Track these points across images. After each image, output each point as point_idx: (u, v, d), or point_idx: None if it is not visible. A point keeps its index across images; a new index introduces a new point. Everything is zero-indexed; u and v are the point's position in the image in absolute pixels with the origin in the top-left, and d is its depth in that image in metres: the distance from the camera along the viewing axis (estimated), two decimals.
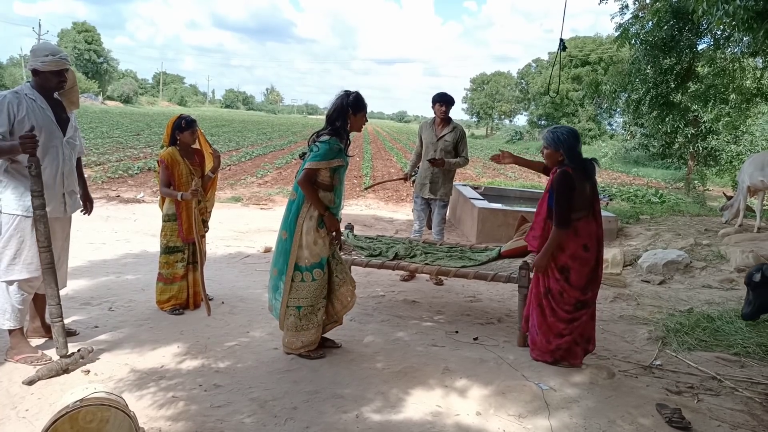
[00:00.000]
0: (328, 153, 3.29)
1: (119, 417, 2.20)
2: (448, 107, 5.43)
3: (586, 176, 3.37)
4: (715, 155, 14.76)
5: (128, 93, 76.32)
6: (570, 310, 3.40)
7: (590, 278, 3.41)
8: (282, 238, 3.43)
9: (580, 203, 3.35)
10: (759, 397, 3.18)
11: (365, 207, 10.48)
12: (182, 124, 4.12)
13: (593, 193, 3.42)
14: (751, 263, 5.71)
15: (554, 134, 3.40)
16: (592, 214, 3.40)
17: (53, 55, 3.12)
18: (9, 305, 3.16)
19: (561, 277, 3.39)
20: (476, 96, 69.77)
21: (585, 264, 3.37)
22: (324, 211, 3.35)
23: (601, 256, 3.48)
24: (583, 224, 3.36)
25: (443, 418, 2.83)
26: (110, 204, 9.00)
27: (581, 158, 3.40)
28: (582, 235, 3.36)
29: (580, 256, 3.36)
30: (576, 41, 42.17)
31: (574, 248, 3.36)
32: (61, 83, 3.21)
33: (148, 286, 4.56)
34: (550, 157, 3.44)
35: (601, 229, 3.45)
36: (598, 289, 3.49)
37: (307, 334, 3.43)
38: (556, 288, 3.41)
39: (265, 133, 35.03)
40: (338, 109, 3.36)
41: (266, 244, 6.61)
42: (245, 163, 17.21)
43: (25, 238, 3.13)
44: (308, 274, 3.37)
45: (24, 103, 3.06)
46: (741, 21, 6.00)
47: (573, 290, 3.38)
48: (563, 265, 3.38)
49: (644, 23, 10.36)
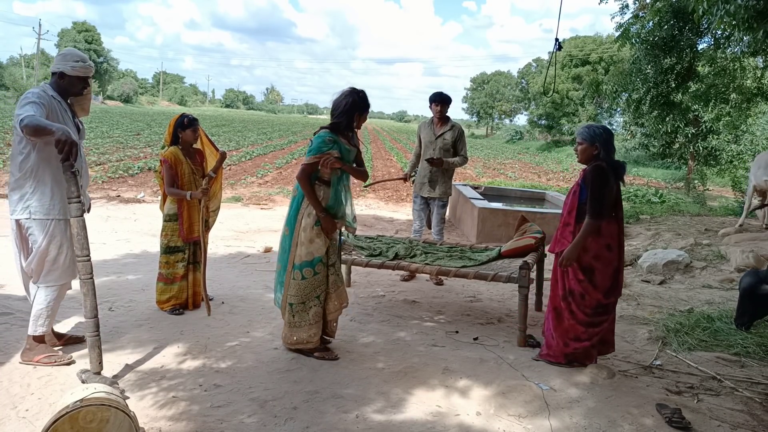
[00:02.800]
0: (321, 145, 3.30)
1: (119, 417, 2.20)
2: (445, 106, 5.44)
3: (616, 176, 3.38)
4: (715, 155, 14.74)
5: (128, 92, 76.39)
6: (590, 313, 3.36)
7: (613, 281, 3.38)
8: (284, 235, 3.47)
9: (608, 202, 3.35)
10: (759, 397, 3.18)
11: (365, 207, 10.48)
12: (184, 122, 4.13)
13: (618, 196, 3.42)
14: (751, 263, 5.71)
15: (590, 129, 3.41)
16: (615, 215, 3.40)
17: (83, 62, 3.17)
18: (45, 311, 3.15)
19: (584, 278, 3.34)
20: (476, 95, 69.75)
21: (608, 264, 3.34)
22: (321, 212, 3.33)
23: (623, 260, 3.46)
24: (606, 225, 3.34)
25: (444, 418, 2.83)
26: (110, 204, 9.00)
27: (614, 157, 3.40)
28: (605, 235, 3.34)
29: (603, 256, 3.34)
30: (576, 41, 42.13)
31: (597, 248, 3.33)
32: (83, 89, 3.25)
33: (148, 286, 4.56)
34: (585, 152, 3.39)
35: (622, 233, 3.45)
36: (619, 295, 3.47)
37: (299, 332, 3.44)
38: (578, 289, 3.37)
39: (265, 132, 35.04)
40: (348, 108, 3.35)
41: (266, 244, 6.62)
42: (245, 162, 17.21)
43: (62, 242, 3.11)
44: (298, 272, 3.38)
45: (52, 102, 3.07)
46: (741, 20, 6.00)
47: (596, 292, 3.34)
48: (587, 266, 3.33)
49: (644, 23, 10.35)
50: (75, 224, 2.82)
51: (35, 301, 3.16)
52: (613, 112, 34.53)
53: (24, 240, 3.13)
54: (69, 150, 2.74)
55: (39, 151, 3.01)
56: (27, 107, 2.89)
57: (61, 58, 3.16)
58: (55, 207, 3.07)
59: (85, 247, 2.84)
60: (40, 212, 3.04)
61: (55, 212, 3.07)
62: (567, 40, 42.60)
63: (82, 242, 2.83)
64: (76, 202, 2.80)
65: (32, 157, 3.01)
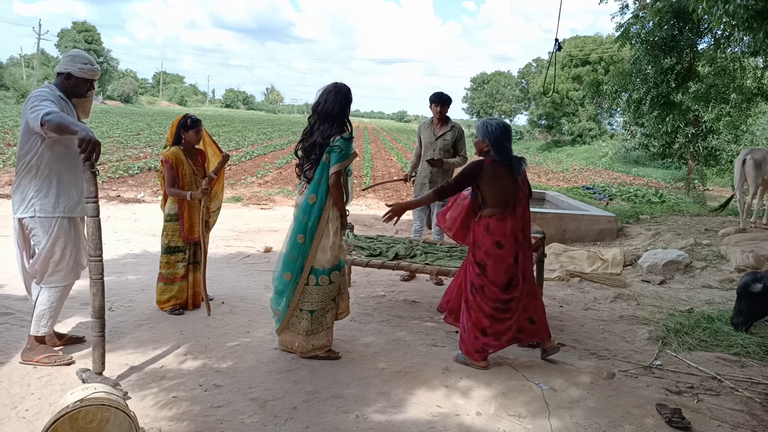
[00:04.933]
0: (350, 149, 3.30)
1: (119, 417, 2.20)
2: (445, 107, 5.45)
3: (510, 171, 3.38)
4: (715, 155, 14.76)
5: (128, 92, 76.40)
6: (493, 306, 3.40)
7: (509, 277, 3.39)
8: (297, 242, 3.36)
9: (496, 199, 3.37)
10: (759, 397, 3.18)
11: (365, 207, 10.47)
12: (187, 123, 4.13)
13: (517, 190, 3.41)
14: (751, 263, 5.71)
15: (484, 126, 3.46)
16: (512, 211, 3.39)
17: (91, 65, 3.19)
18: (47, 311, 3.13)
19: (480, 272, 3.42)
20: (476, 95, 69.70)
21: (500, 261, 3.38)
22: (344, 214, 3.38)
23: (525, 253, 3.44)
24: (496, 221, 3.37)
25: (444, 419, 2.83)
26: (110, 204, 9.00)
27: (508, 153, 3.41)
28: (495, 233, 3.37)
29: (494, 253, 3.38)
30: (576, 41, 42.08)
31: (488, 245, 3.39)
32: (87, 91, 3.26)
33: (149, 286, 4.56)
34: (477, 145, 3.50)
35: (523, 231, 3.43)
36: (522, 292, 3.43)
37: (317, 339, 3.42)
38: (477, 282, 3.44)
39: (265, 132, 35.03)
40: (342, 103, 3.33)
41: (266, 244, 6.61)
42: (245, 162, 17.21)
43: (67, 242, 3.09)
44: (325, 278, 3.36)
45: (60, 102, 3.06)
46: (741, 20, 6.00)
47: (492, 286, 3.39)
48: (480, 261, 3.43)
49: (644, 23, 10.34)
50: (91, 224, 2.83)
51: (38, 301, 3.15)
52: (613, 112, 34.54)
53: (26, 240, 3.12)
54: (93, 150, 2.73)
55: (46, 148, 2.99)
56: (45, 103, 2.88)
57: (69, 59, 3.16)
58: (60, 205, 3.05)
59: (98, 247, 2.84)
60: (45, 211, 3.03)
61: (60, 210, 3.06)
62: (567, 40, 42.58)
63: (96, 242, 2.83)
64: (93, 203, 2.80)
65: (39, 154, 3.00)
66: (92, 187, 2.79)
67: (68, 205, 3.09)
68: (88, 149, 2.72)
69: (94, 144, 2.73)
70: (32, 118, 2.85)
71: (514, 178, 3.40)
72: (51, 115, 2.79)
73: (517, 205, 3.41)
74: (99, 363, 2.92)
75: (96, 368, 2.92)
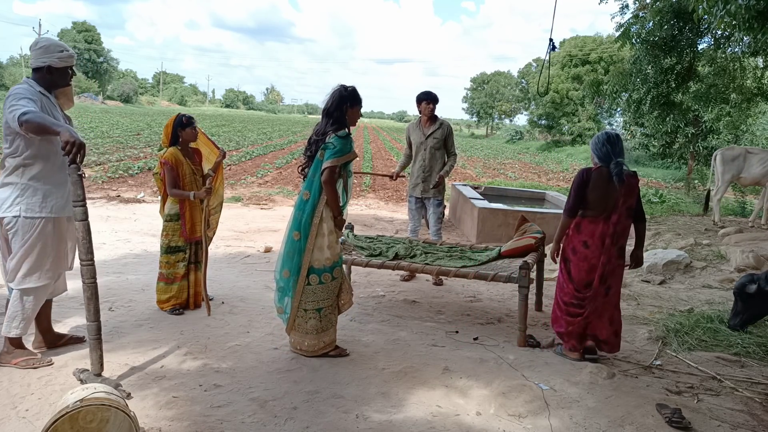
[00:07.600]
0: (345, 146, 3.30)
1: (119, 417, 2.20)
2: (435, 104, 5.47)
3: (611, 178, 3.41)
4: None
5: (128, 92, 76.34)
6: (567, 302, 3.57)
7: (589, 277, 3.48)
8: (293, 239, 3.37)
9: (593, 203, 3.48)
10: (759, 397, 3.18)
11: (365, 207, 10.48)
12: (183, 121, 4.15)
13: (617, 198, 3.42)
14: (751, 263, 5.71)
15: (592, 142, 3.62)
16: (607, 217, 3.44)
17: (66, 50, 3.05)
18: (20, 313, 3.04)
19: (564, 267, 3.64)
20: (476, 95, 69.75)
21: (584, 259, 3.51)
22: (339, 213, 3.37)
23: (608, 260, 3.46)
24: (588, 222, 3.51)
25: (443, 418, 2.83)
26: (110, 204, 8.99)
27: (610, 161, 3.45)
28: (583, 232, 3.53)
29: (579, 250, 3.53)
30: (576, 40, 42.06)
31: (576, 242, 3.55)
32: (70, 78, 3.14)
33: (148, 286, 4.56)
34: (592, 159, 3.65)
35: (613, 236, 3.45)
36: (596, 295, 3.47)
37: (328, 334, 3.46)
38: (560, 277, 3.67)
39: (265, 132, 35.02)
40: (337, 102, 3.35)
41: (266, 244, 6.62)
42: (245, 162, 17.21)
43: (47, 243, 3.00)
44: (327, 275, 3.38)
45: (42, 98, 2.96)
46: (741, 21, 6.00)
47: (570, 283, 3.56)
48: (566, 256, 3.63)
49: (645, 23, 10.34)
50: (80, 228, 2.74)
51: (11, 302, 3.06)
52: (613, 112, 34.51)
53: (5, 239, 3.03)
54: (77, 152, 2.64)
55: (32, 146, 2.90)
56: (22, 102, 2.76)
57: (42, 51, 2.99)
58: (48, 205, 2.98)
59: (89, 251, 2.78)
60: (31, 210, 2.94)
61: (48, 210, 2.98)
62: (567, 39, 42.57)
63: (87, 246, 2.77)
64: (81, 206, 2.72)
65: (24, 153, 2.91)
66: (79, 190, 2.69)
67: (56, 204, 3.01)
68: (73, 151, 2.62)
69: (79, 145, 2.63)
70: (10, 118, 2.75)
71: (616, 186, 3.42)
72: (28, 115, 2.67)
73: (613, 212, 3.45)
74: (97, 365, 2.91)
75: (95, 370, 2.91)
